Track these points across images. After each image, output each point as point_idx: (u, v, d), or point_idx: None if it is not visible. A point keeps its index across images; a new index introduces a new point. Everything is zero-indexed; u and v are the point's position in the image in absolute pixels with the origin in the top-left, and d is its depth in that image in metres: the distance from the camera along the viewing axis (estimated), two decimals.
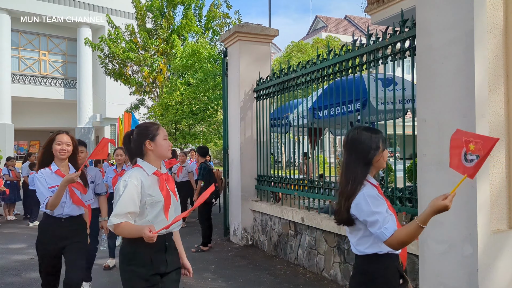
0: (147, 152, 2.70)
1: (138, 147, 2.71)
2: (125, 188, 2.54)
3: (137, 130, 2.75)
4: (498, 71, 3.38)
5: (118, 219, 2.48)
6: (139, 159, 2.71)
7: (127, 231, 2.49)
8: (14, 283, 5.45)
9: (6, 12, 25.17)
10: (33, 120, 28.71)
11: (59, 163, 3.69)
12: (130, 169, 2.70)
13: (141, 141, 2.69)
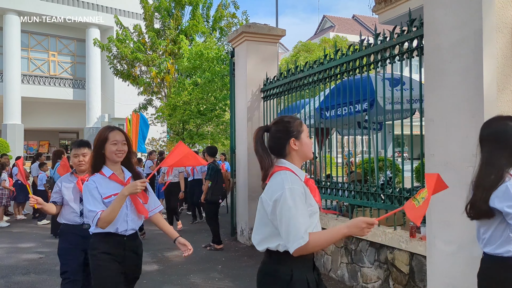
0: (291, 153, 2.24)
1: (280, 146, 2.25)
2: (295, 196, 2.04)
3: (278, 126, 2.27)
4: (507, 71, 3.35)
5: (306, 236, 1.99)
6: (284, 160, 2.23)
7: (324, 239, 2.05)
8: (23, 282, 5.49)
9: (16, 13, 25.39)
10: (42, 120, 28.94)
11: (113, 166, 2.97)
12: (278, 174, 2.17)
13: (284, 139, 2.23)
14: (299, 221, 1.99)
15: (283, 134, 2.24)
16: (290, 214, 2.00)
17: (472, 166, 3.23)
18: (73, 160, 3.70)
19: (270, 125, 2.32)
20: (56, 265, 6.27)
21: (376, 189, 4.75)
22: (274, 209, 2.07)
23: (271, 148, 2.28)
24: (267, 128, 2.30)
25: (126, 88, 22.46)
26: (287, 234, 1.99)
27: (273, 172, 2.21)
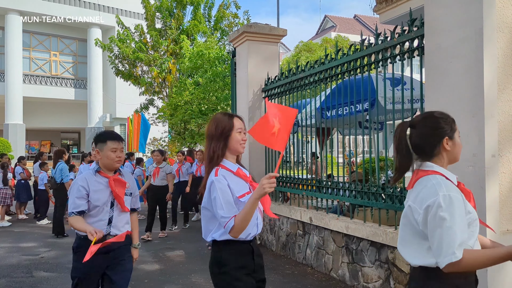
0: (441, 154, 1.97)
1: (431, 146, 1.96)
2: (453, 205, 1.79)
3: (429, 122, 1.99)
4: (507, 70, 3.35)
5: (458, 253, 1.75)
6: (431, 163, 1.96)
7: (480, 261, 1.80)
8: (24, 282, 5.51)
9: (18, 13, 25.45)
10: (44, 120, 29.01)
11: (233, 159, 2.54)
12: (428, 179, 1.90)
13: (436, 139, 1.96)
14: (455, 234, 1.75)
15: (437, 132, 1.96)
16: (444, 224, 1.75)
17: (472, 166, 3.24)
18: (109, 155, 3.06)
19: (417, 120, 2.02)
20: (57, 265, 6.29)
21: (377, 188, 4.75)
22: (425, 217, 1.83)
23: (416, 147, 1.99)
24: (413, 124, 2.00)
25: (128, 88, 22.50)
26: (439, 248, 1.77)
27: (418, 177, 1.94)
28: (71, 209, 3.01)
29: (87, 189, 3.02)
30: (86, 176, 3.09)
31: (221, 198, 2.29)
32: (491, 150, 3.19)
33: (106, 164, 3.08)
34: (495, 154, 3.22)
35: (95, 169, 3.10)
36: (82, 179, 3.07)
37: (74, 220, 2.97)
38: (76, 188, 3.03)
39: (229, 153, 2.47)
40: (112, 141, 3.08)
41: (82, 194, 3.01)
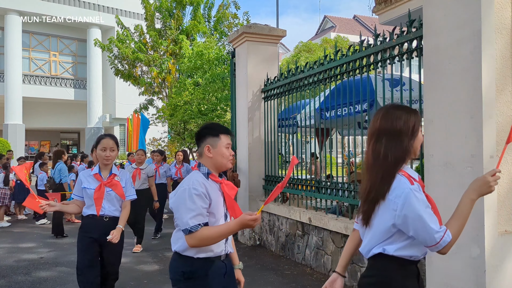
0: None
1: None
2: None
3: None
4: (506, 72, 3.35)
5: None
6: None
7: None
8: (24, 282, 5.51)
9: (17, 13, 25.44)
10: (43, 121, 28.99)
11: None
12: None
13: None
14: None
15: None
16: None
17: (471, 167, 3.25)
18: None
19: None
20: (56, 265, 6.30)
21: None
22: None
23: None
24: None
25: (127, 88, 22.50)
26: None
27: None
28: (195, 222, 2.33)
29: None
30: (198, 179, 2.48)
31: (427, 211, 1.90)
32: (489, 151, 3.20)
33: None
34: (493, 155, 3.23)
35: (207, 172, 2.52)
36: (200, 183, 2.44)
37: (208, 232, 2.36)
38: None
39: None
40: None
41: None
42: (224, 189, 2.51)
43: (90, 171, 3.93)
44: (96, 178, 3.84)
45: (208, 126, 2.60)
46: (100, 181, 3.83)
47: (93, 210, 3.81)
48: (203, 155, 2.52)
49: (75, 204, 3.92)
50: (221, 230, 2.34)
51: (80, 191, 3.87)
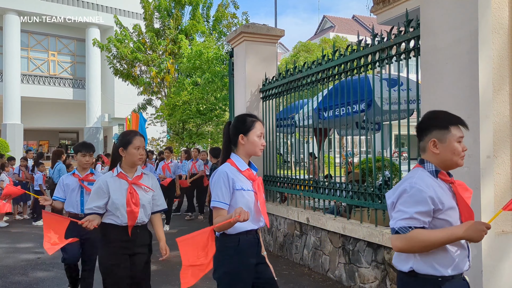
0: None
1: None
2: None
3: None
4: (503, 72, 3.35)
5: None
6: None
7: None
8: (21, 282, 5.50)
9: (16, 13, 25.41)
10: (42, 120, 28.97)
11: None
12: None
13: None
14: None
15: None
16: None
17: (468, 167, 3.24)
18: None
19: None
20: (54, 265, 6.28)
21: (374, 189, 4.75)
22: None
23: None
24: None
25: (126, 88, 22.48)
26: None
27: None
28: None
29: None
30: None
31: None
32: (486, 151, 3.20)
33: None
34: (490, 155, 3.23)
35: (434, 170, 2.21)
36: None
37: None
38: None
39: None
40: None
41: None
42: (456, 190, 2.11)
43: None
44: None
45: (433, 115, 2.22)
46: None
47: None
48: (426, 150, 2.16)
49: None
50: (438, 235, 1.96)
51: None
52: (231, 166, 2.63)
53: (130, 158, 3.21)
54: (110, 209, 3.22)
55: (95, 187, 3.27)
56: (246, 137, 2.64)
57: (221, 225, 2.45)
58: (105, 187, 3.20)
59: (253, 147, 2.67)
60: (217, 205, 2.56)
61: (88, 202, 3.27)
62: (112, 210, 3.21)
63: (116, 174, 3.26)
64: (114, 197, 3.20)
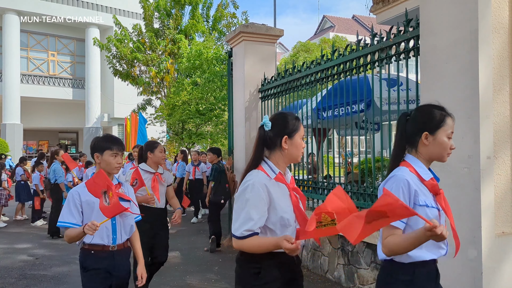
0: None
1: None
2: None
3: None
4: (503, 72, 3.32)
5: None
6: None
7: None
8: (18, 284, 5.47)
9: (15, 13, 25.38)
10: (41, 120, 28.94)
11: None
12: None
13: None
14: None
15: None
16: None
17: (467, 167, 3.21)
18: None
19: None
20: (51, 266, 6.26)
21: (373, 190, 4.72)
22: None
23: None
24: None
25: (126, 88, 22.46)
26: None
27: None
28: None
29: None
30: None
31: None
32: (486, 151, 3.16)
33: None
34: (491, 156, 3.19)
35: None
36: None
37: None
38: None
39: None
40: None
41: None
42: None
43: None
44: None
45: None
46: None
47: None
48: None
49: None
50: None
51: None
52: (411, 173, 2.00)
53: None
54: None
55: None
56: (432, 136, 2.05)
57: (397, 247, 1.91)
58: None
59: (440, 149, 2.06)
60: None
61: None
62: None
63: None
64: None
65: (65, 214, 2.80)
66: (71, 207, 2.80)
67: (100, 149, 2.91)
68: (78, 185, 2.96)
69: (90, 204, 2.82)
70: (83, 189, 2.82)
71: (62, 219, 2.80)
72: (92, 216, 2.78)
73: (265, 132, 2.19)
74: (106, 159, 2.89)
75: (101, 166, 2.91)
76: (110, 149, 2.90)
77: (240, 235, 2.06)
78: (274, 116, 2.25)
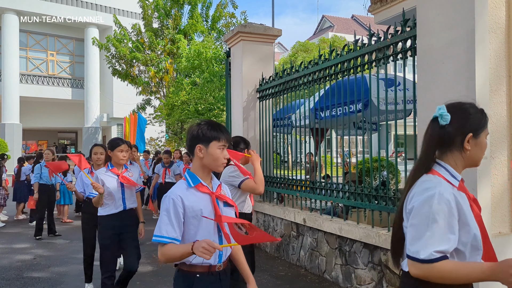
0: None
1: None
2: None
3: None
4: (500, 72, 3.32)
5: None
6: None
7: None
8: (14, 283, 5.45)
9: (14, 12, 25.37)
10: (41, 120, 28.93)
11: None
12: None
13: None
14: None
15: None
16: None
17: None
18: None
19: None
20: (49, 266, 6.25)
21: (371, 190, 4.72)
22: None
23: None
24: None
25: (125, 88, 22.46)
26: None
27: None
28: None
29: None
30: None
31: None
32: None
33: None
34: (487, 156, 3.19)
35: None
36: None
37: None
38: None
39: None
40: None
41: None
42: None
43: None
44: None
45: None
46: None
47: None
48: None
49: None
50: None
51: None
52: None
53: None
54: None
55: None
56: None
57: None
58: None
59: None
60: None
61: None
62: None
63: None
64: None
65: (163, 226, 2.13)
66: (171, 216, 2.13)
67: (205, 139, 2.23)
68: (178, 184, 2.24)
69: (197, 211, 2.18)
70: (185, 191, 2.19)
71: (159, 232, 2.12)
72: (200, 230, 2.19)
73: (441, 127, 1.73)
74: (212, 153, 2.22)
75: (202, 162, 2.24)
76: (217, 140, 2.23)
77: (428, 257, 1.58)
78: (453, 107, 1.76)
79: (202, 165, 2.24)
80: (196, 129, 2.24)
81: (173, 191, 2.17)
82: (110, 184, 4.20)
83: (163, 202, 2.18)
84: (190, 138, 2.25)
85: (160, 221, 2.12)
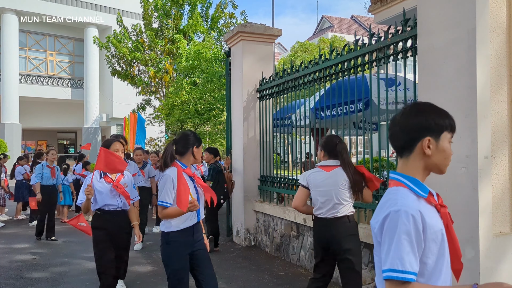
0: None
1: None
2: None
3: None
4: (501, 71, 3.31)
5: None
6: None
7: None
8: (14, 284, 5.44)
9: (14, 12, 25.36)
10: (40, 120, 28.91)
11: None
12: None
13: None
14: None
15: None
16: None
17: (465, 167, 3.21)
18: None
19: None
20: (48, 266, 6.24)
21: None
22: None
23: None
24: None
25: (125, 88, 22.45)
26: None
27: None
28: None
29: None
30: None
31: None
32: (484, 151, 3.16)
33: None
34: (488, 156, 3.19)
35: None
36: None
37: None
38: None
39: None
40: None
41: None
42: None
43: None
44: None
45: None
46: None
47: None
48: None
49: None
50: None
51: None
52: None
53: None
54: None
55: None
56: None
57: None
58: None
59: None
60: None
61: None
62: None
63: None
64: None
65: (405, 255, 1.53)
66: (413, 241, 1.53)
67: (435, 129, 1.61)
68: (402, 194, 1.59)
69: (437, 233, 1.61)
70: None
71: (401, 266, 1.52)
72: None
73: None
74: (445, 148, 1.62)
75: (429, 161, 1.63)
76: (449, 130, 1.65)
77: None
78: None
79: (426, 166, 1.63)
80: (423, 115, 1.62)
81: (407, 204, 1.51)
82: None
83: (393, 221, 1.50)
84: (415, 128, 1.61)
85: (397, 248, 1.47)
